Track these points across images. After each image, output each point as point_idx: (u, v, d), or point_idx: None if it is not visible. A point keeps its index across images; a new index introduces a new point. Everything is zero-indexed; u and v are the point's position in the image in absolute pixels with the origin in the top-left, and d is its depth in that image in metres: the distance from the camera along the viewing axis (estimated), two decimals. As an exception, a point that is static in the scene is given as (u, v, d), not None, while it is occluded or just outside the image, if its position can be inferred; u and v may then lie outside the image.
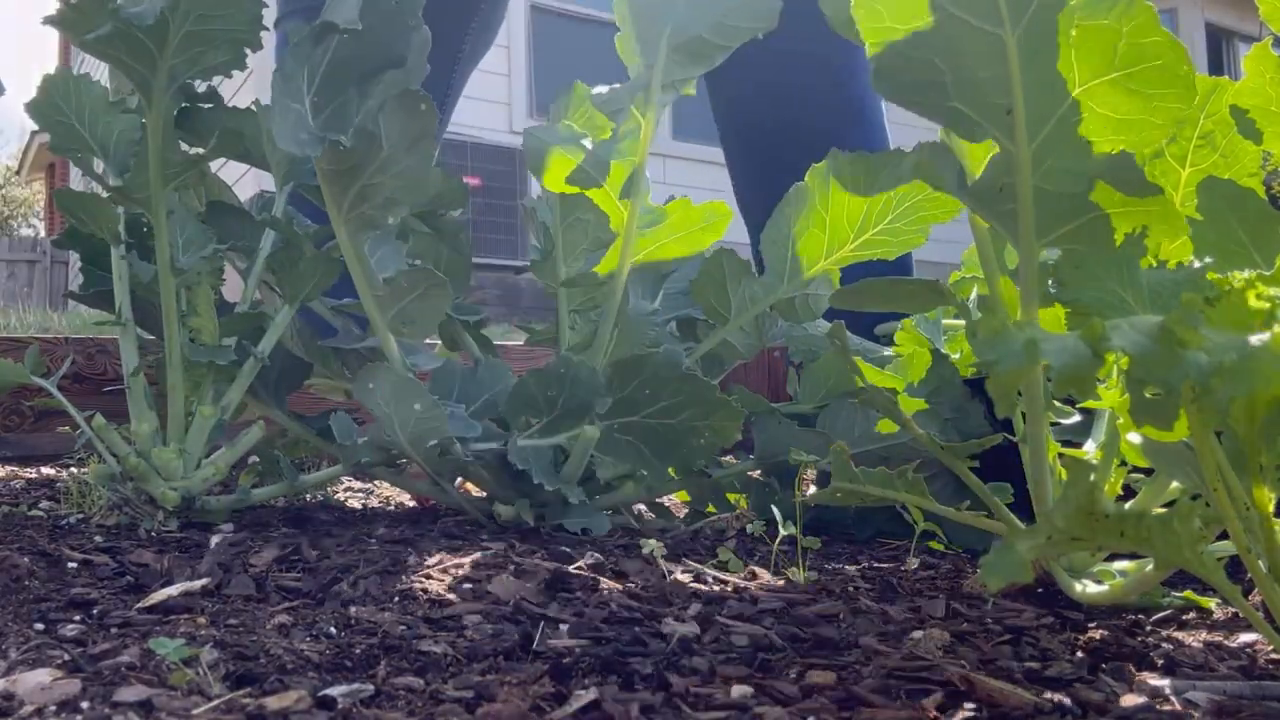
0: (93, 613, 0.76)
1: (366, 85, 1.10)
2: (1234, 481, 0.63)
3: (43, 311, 7.32)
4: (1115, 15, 0.69)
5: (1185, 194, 0.93)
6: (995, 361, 0.51)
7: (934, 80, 0.74)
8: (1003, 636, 0.78)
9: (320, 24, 1.03)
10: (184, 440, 1.16)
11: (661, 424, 1.21)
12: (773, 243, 1.33)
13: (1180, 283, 0.61)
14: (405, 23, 1.09)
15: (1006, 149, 0.75)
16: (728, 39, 1.24)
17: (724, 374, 1.45)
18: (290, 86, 1.05)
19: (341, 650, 0.68)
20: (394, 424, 1.10)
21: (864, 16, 0.73)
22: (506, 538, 1.10)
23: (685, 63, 1.23)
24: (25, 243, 14.72)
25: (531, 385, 1.16)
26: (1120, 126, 0.73)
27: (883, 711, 0.59)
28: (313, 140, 1.02)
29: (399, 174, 1.06)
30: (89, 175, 1.19)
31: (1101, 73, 0.71)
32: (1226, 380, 0.49)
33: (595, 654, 0.68)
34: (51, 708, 0.55)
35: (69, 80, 1.19)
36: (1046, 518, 0.64)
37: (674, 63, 1.22)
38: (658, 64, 1.21)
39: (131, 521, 1.14)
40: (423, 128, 1.03)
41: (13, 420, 1.60)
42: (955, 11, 0.70)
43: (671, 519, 1.32)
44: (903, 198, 1.26)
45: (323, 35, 1.04)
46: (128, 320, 1.21)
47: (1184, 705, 0.63)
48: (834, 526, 1.27)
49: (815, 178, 1.30)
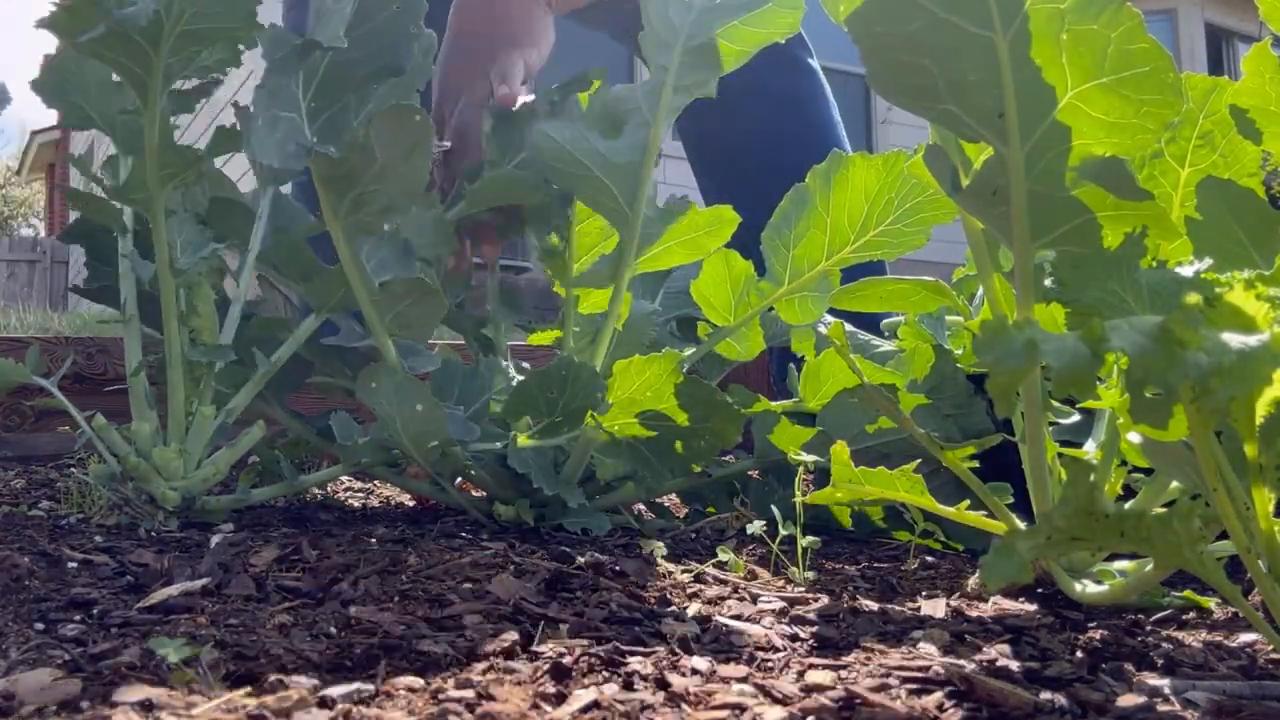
0: (93, 613, 0.76)
1: (366, 91, 1.10)
2: (1234, 481, 0.63)
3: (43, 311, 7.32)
4: (1103, 21, 0.70)
5: (1185, 194, 0.93)
6: (995, 362, 0.51)
7: (926, 84, 0.74)
8: (1003, 636, 0.78)
9: (305, 41, 1.03)
10: (184, 440, 1.16)
11: (661, 425, 1.21)
12: (773, 243, 1.33)
13: (1180, 283, 0.61)
14: (406, 29, 1.09)
15: (1000, 152, 0.75)
16: (745, 44, 1.23)
17: (725, 374, 1.45)
18: (280, 97, 1.04)
19: (341, 650, 0.68)
20: (396, 424, 1.10)
21: (855, 20, 0.73)
22: (506, 538, 1.10)
23: (700, 66, 1.22)
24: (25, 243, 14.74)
25: (532, 386, 1.16)
26: (1112, 130, 0.73)
27: (883, 711, 0.59)
28: (299, 153, 1.01)
29: (395, 181, 1.06)
30: (86, 175, 1.19)
31: (1092, 76, 0.72)
32: (1226, 380, 0.49)
33: (595, 654, 0.68)
34: (51, 708, 0.55)
35: (72, 59, 1.19)
36: (1046, 518, 0.64)
37: (687, 66, 1.22)
38: (671, 66, 1.21)
39: (131, 521, 1.14)
40: (418, 137, 1.03)
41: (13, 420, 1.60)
42: (946, 15, 0.70)
43: (671, 519, 1.32)
44: (904, 199, 1.26)
45: (306, 53, 1.04)
46: (133, 316, 1.21)
47: (1184, 705, 0.63)
48: (834, 526, 1.27)
49: (815, 179, 1.30)
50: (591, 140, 1.19)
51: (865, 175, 1.28)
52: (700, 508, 1.35)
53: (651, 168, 1.22)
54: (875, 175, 1.27)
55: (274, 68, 1.05)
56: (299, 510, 1.31)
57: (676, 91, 1.22)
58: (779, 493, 1.30)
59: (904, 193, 1.26)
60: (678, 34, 1.21)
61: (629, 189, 1.21)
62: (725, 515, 1.26)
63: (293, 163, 1.01)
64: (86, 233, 1.27)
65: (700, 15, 1.21)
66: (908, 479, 0.96)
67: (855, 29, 0.73)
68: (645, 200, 1.22)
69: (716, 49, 1.22)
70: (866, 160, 1.28)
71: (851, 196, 1.29)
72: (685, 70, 1.22)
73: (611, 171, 1.20)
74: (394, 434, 1.12)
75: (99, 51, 1.00)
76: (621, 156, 1.21)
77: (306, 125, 1.08)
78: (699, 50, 1.22)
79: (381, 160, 1.04)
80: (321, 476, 1.27)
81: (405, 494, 1.51)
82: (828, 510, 1.24)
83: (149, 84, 1.05)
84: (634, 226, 1.22)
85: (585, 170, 1.19)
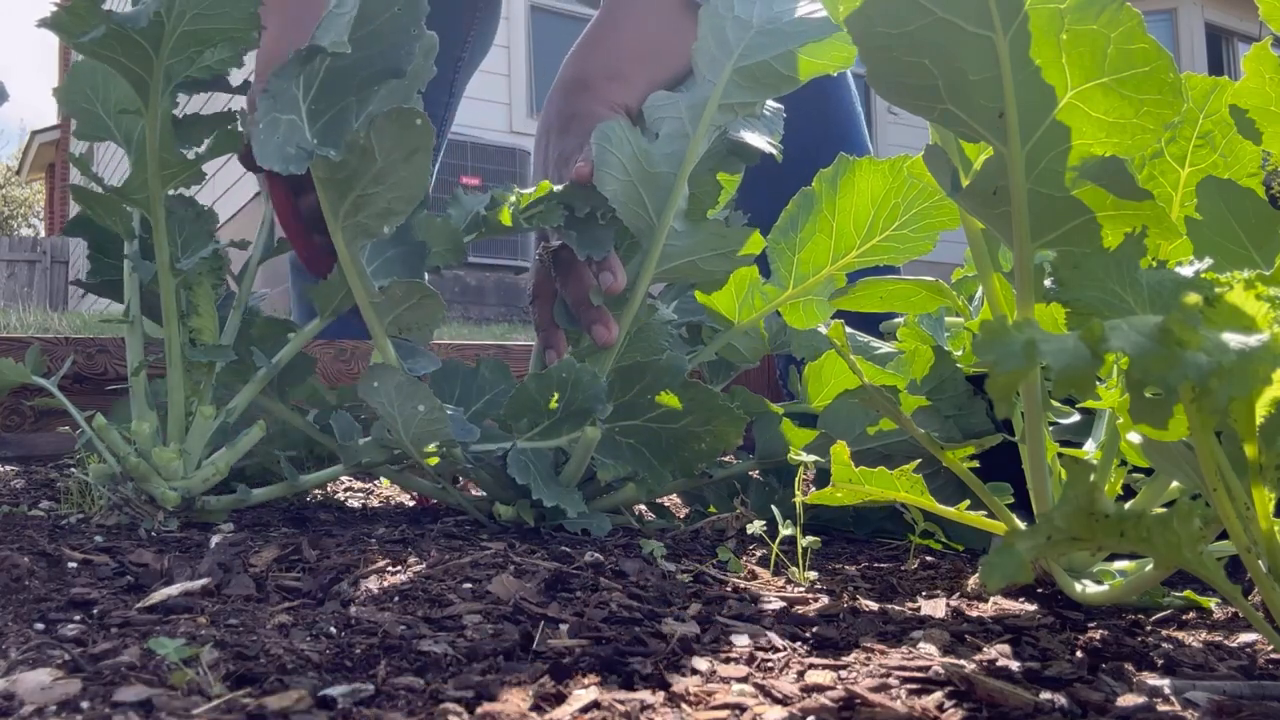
0: (93, 613, 0.76)
1: (366, 93, 1.10)
2: (1234, 481, 0.63)
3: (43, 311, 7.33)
4: (1103, 21, 0.70)
5: (1185, 194, 0.93)
6: (994, 363, 0.51)
7: (926, 83, 0.74)
8: (1003, 636, 0.78)
9: (308, 47, 1.03)
10: (184, 440, 1.16)
11: (663, 428, 1.21)
12: (779, 247, 1.33)
13: (1180, 283, 0.61)
14: (408, 30, 1.09)
15: (1000, 151, 0.75)
16: (799, 72, 1.21)
17: (731, 379, 1.45)
18: (281, 100, 1.04)
19: (341, 650, 0.68)
20: (397, 424, 1.10)
21: (855, 20, 0.73)
22: (506, 538, 1.10)
23: (749, 87, 1.20)
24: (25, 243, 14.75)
25: (533, 389, 1.16)
26: (1112, 130, 0.73)
27: (883, 711, 0.59)
28: (300, 155, 1.01)
29: (395, 184, 1.06)
30: (86, 175, 1.19)
31: (1092, 77, 0.72)
32: (1226, 380, 0.49)
33: (595, 654, 0.68)
34: (51, 708, 0.55)
35: (96, 69, 1.20)
36: (1046, 518, 0.64)
37: (736, 85, 1.20)
38: (720, 83, 1.19)
39: (131, 521, 1.14)
40: (419, 140, 1.03)
41: (13, 420, 1.60)
42: (946, 15, 0.70)
43: (671, 519, 1.32)
44: (910, 204, 1.26)
45: (309, 58, 1.04)
46: (135, 318, 1.21)
47: (1183, 705, 0.63)
48: (834, 526, 1.27)
49: (821, 182, 1.30)
50: (636, 146, 1.17)
51: (871, 179, 1.27)
52: (701, 508, 1.35)
53: (685, 181, 1.20)
54: (881, 179, 1.27)
55: (276, 72, 1.05)
56: (299, 510, 1.31)
57: (721, 110, 1.20)
58: (779, 493, 1.30)
59: (910, 197, 1.26)
60: (731, 51, 1.19)
61: (660, 199, 1.19)
62: (726, 515, 1.26)
63: (294, 165, 1.01)
64: (89, 227, 1.27)
65: (756, 35, 1.19)
66: (908, 479, 0.96)
67: (855, 28, 0.73)
68: (674, 213, 1.20)
69: (768, 73, 1.20)
70: (873, 164, 1.27)
71: (857, 201, 1.28)
72: (733, 89, 1.20)
73: (646, 179, 1.18)
74: (395, 434, 1.12)
75: (99, 52, 1.00)
76: (657, 165, 1.18)
77: (307, 128, 1.08)
78: (750, 71, 1.20)
79: (382, 162, 1.04)
80: (321, 476, 1.28)
81: (405, 494, 1.51)
82: (828, 510, 1.24)
83: (149, 84, 1.05)
84: (658, 238, 1.20)
85: (625, 175, 1.17)
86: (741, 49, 1.19)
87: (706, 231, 1.23)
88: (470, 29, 2.00)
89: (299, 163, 1.01)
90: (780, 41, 1.20)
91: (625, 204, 1.18)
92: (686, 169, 1.20)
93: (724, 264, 1.26)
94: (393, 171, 1.04)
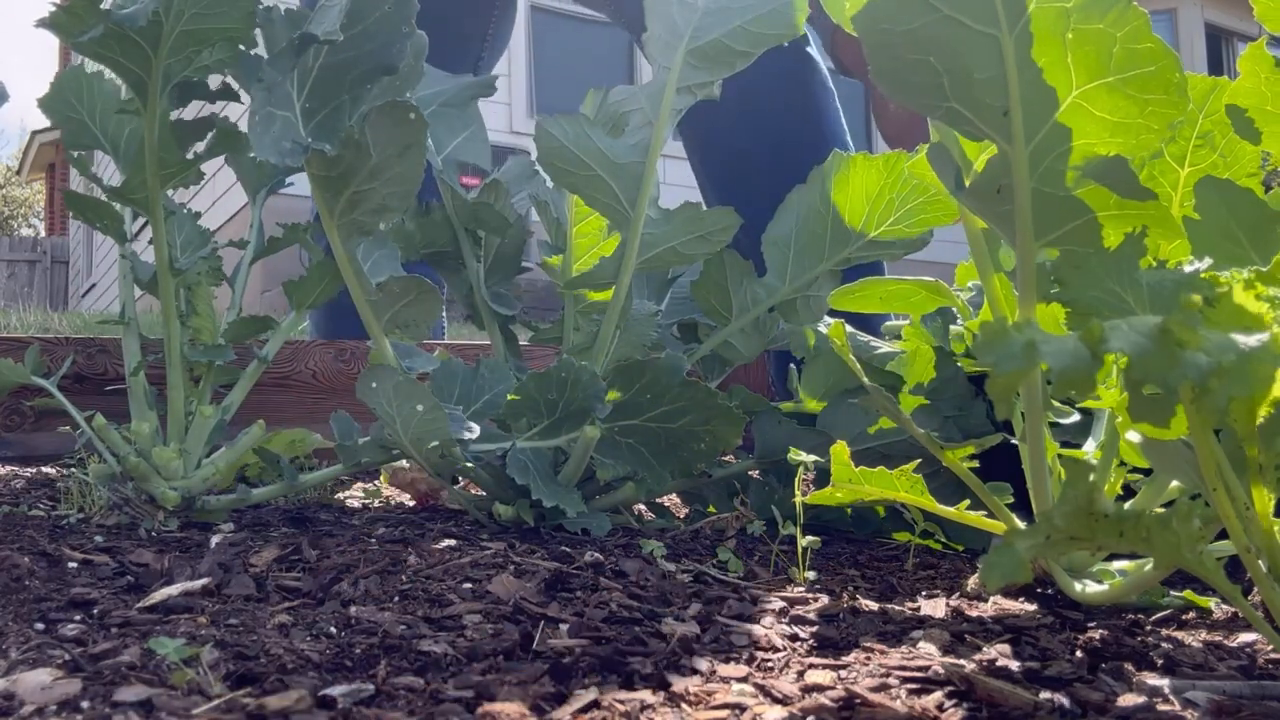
0: (93, 613, 0.76)
1: (359, 90, 1.10)
2: (1234, 481, 0.63)
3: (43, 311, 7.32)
4: (1109, 21, 0.70)
5: (1185, 194, 0.93)
6: (995, 363, 0.51)
7: (931, 81, 0.74)
8: (1003, 636, 0.78)
9: (300, 35, 1.03)
10: (184, 440, 1.16)
11: (662, 428, 1.21)
12: (774, 244, 1.33)
13: (1180, 283, 0.61)
14: (399, 28, 1.09)
15: (1004, 150, 0.75)
16: (749, 45, 1.22)
17: (725, 376, 1.45)
18: (275, 94, 1.04)
19: (341, 650, 0.68)
20: (396, 424, 1.10)
21: (860, 17, 0.73)
22: (506, 538, 1.10)
23: (704, 67, 1.21)
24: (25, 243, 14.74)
25: (532, 388, 1.16)
26: (1116, 129, 0.73)
27: (883, 711, 0.59)
28: (295, 150, 1.01)
29: (390, 181, 1.06)
30: (85, 176, 1.19)
31: (1097, 76, 0.72)
32: (1226, 380, 0.49)
33: (595, 654, 0.68)
34: (52, 707, 0.55)
35: (81, 77, 1.19)
36: (1046, 517, 0.64)
37: (691, 67, 1.21)
38: (674, 67, 1.20)
39: (131, 521, 1.14)
40: (413, 135, 1.03)
41: (13, 420, 1.60)
42: (951, 13, 0.70)
43: (671, 519, 1.32)
44: (905, 200, 1.26)
45: (303, 47, 1.04)
46: (131, 319, 1.21)
47: (1183, 705, 0.63)
48: (834, 526, 1.27)
49: (816, 179, 1.30)
50: (594, 139, 1.18)
51: (866, 176, 1.27)
52: (701, 508, 1.35)
53: (654, 168, 1.21)
54: (876, 176, 1.27)
55: (270, 62, 1.05)
56: (299, 510, 1.31)
57: (680, 93, 1.21)
58: (779, 493, 1.30)
59: (905, 193, 1.26)
60: (681, 35, 1.20)
61: (631, 189, 1.21)
62: (725, 515, 1.26)
63: (289, 160, 1.01)
64: None
65: (704, 16, 1.21)
66: (908, 479, 0.96)
67: (860, 26, 0.73)
68: (648, 201, 1.21)
69: (721, 50, 1.21)
70: (867, 160, 1.27)
71: (852, 197, 1.28)
72: (689, 71, 1.21)
73: (614, 171, 1.19)
74: (394, 434, 1.12)
75: (98, 52, 1.00)
76: (624, 156, 1.20)
77: (301, 125, 1.08)
78: (703, 51, 1.21)
79: (376, 158, 1.04)
80: (321, 476, 1.28)
81: (405, 494, 1.51)
82: (828, 510, 1.24)
83: (148, 84, 1.05)
84: (635, 227, 1.22)
85: (587, 169, 1.19)
86: (691, 31, 1.20)
87: (683, 216, 1.24)
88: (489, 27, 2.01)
89: (294, 157, 1.01)
90: (728, 19, 1.21)
91: (593, 196, 1.20)
92: (654, 157, 1.21)
93: (703, 246, 1.27)
94: (388, 167, 1.04)
